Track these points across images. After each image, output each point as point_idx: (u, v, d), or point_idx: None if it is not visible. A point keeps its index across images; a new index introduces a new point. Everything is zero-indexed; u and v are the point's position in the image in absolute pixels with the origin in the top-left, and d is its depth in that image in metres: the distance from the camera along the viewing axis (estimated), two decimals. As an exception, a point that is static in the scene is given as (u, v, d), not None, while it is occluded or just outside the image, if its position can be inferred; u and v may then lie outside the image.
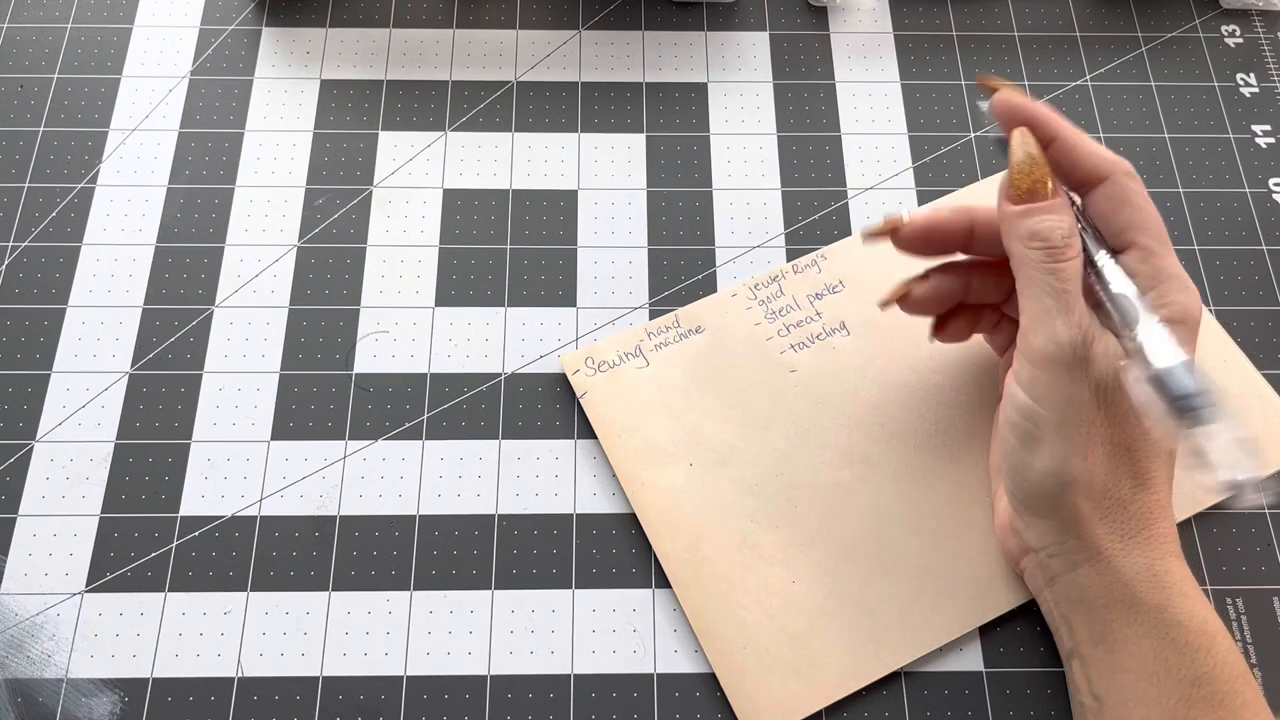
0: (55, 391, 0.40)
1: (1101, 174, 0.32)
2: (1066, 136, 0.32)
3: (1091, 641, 0.32)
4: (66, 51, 0.47)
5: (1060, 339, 0.30)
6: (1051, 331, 0.30)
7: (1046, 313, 0.31)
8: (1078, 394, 0.31)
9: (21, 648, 0.36)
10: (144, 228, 0.43)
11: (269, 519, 0.38)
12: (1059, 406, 0.31)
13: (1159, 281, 0.31)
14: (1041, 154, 0.32)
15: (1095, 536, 0.32)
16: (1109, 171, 0.32)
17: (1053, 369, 0.31)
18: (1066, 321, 0.30)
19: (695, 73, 0.47)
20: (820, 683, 0.35)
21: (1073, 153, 0.32)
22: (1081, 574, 0.32)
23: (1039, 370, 0.31)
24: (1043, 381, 0.31)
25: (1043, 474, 0.32)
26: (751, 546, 0.37)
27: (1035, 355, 0.31)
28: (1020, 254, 0.32)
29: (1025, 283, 0.31)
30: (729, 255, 0.43)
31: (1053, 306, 0.31)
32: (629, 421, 0.39)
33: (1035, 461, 0.32)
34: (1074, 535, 0.32)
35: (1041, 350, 0.31)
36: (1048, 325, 0.31)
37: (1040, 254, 0.31)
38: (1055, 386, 0.31)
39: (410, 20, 0.48)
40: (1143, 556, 0.31)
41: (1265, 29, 0.49)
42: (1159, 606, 0.31)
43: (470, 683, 0.36)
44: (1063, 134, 0.32)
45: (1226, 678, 0.30)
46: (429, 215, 0.44)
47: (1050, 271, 0.31)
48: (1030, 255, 0.31)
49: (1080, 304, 0.31)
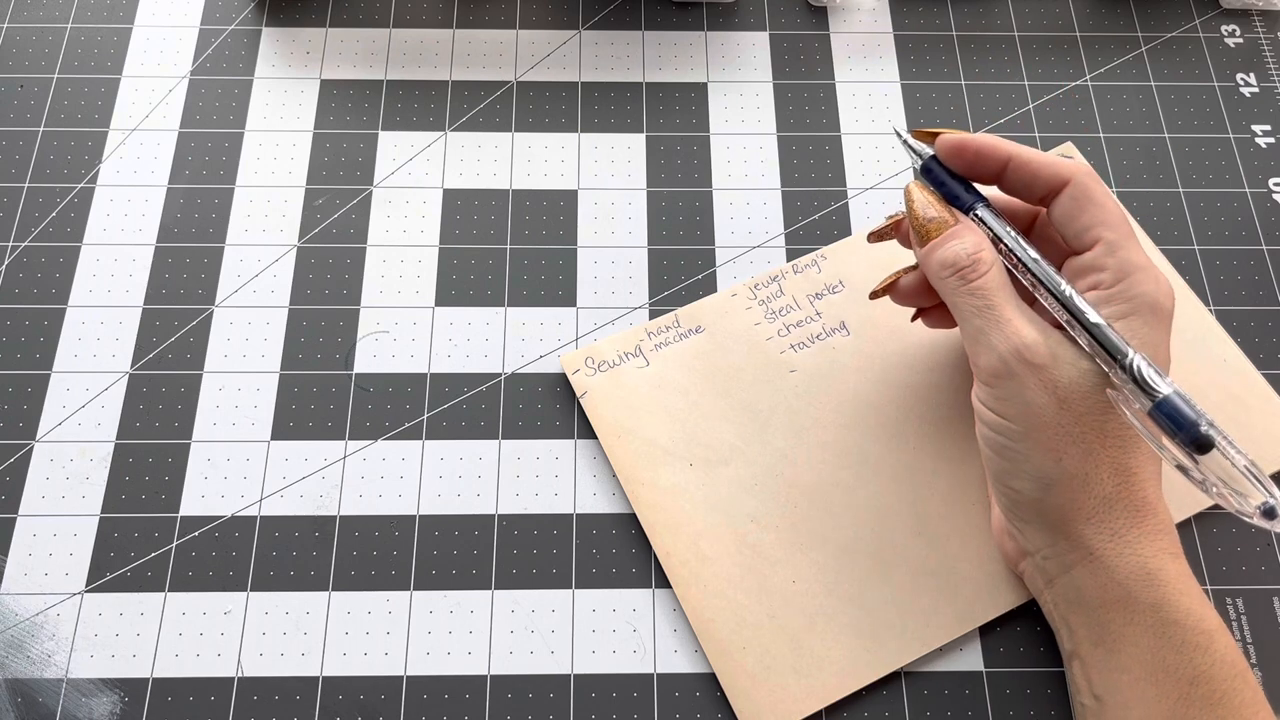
0: (55, 391, 0.40)
1: (1062, 179, 0.33)
2: (1018, 155, 0.34)
3: (1090, 642, 0.32)
4: (66, 51, 0.47)
5: (998, 352, 0.31)
6: (988, 348, 0.32)
7: (979, 333, 0.32)
8: (1035, 399, 0.31)
9: (21, 648, 0.36)
10: (144, 228, 0.43)
11: (269, 519, 0.38)
12: (1020, 416, 0.32)
13: (1126, 274, 0.32)
14: (934, 196, 0.34)
15: (1084, 536, 0.32)
16: (1068, 176, 0.33)
17: (1001, 382, 0.32)
18: (999, 335, 0.31)
19: (695, 73, 0.47)
20: (820, 683, 0.35)
21: (1028, 167, 0.34)
22: (1076, 575, 0.32)
23: (993, 385, 0.32)
24: (997, 395, 0.32)
25: (1022, 482, 0.32)
26: (751, 546, 0.37)
27: (982, 373, 0.32)
28: (940, 287, 0.33)
29: (954, 311, 0.33)
30: (729, 255, 0.43)
31: (981, 325, 0.32)
32: (629, 421, 0.39)
33: (1013, 470, 0.32)
34: (1063, 537, 0.32)
35: (986, 368, 0.32)
36: (984, 344, 0.32)
37: (954, 279, 0.33)
38: (1010, 398, 0.32)
39: (410, 20, 0.48)
40: (1135, 555, 0.31)
41: (1265, 29, 0.49)
42: (1155, 605, 0.31)
43: (470, 683, 0.36)
44: (1014, 153, 0.34)
45: (1225, 676, 0.30)
46: (429, 215, 0.44)
47: (968, 292, 0.32)
48: (947, 284, 0.33)
49: (1011, 314, 0.32)
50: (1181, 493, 0.38)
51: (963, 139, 0.34)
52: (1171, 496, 0.38)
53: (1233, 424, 0.39)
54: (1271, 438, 0.39)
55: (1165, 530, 0.32)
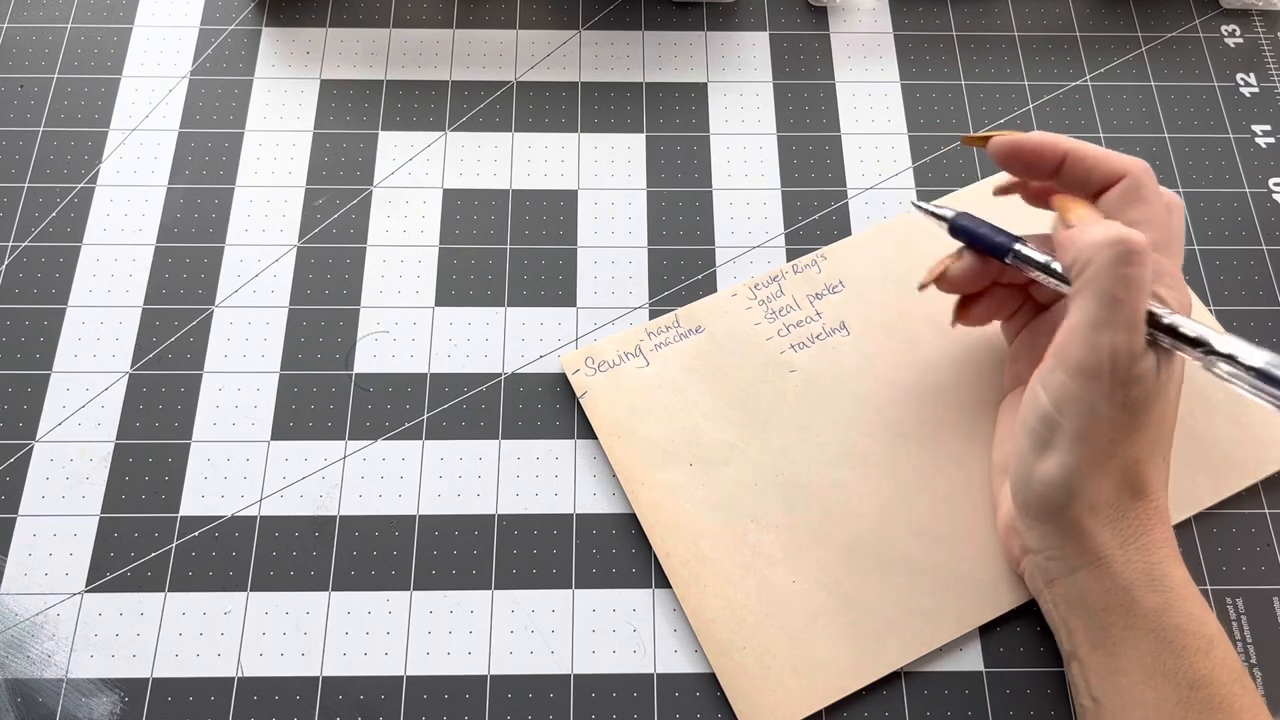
0: (55, 391, 0.40)
1: (1119, 173, 0.33)
2: (1074, 150, 0.34)
3: (1090, 644, 0.32)
4: (66, 51, 0.47)
5: (1103, 351, 0.29)
6: (1095, 342, 0.29)
7: (1093, 323, 0.29)
8: (1103, 409, 0.30)
9: (21, 648, 0.36)
10: (144, 228, 0.43)
11: (269, 519, 0.38)
12: (1080, 417, 0.30)
13: (1155, 276, 0.31)
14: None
15: (1096, 542, 0.32)
16: (1125, 170, 0.33)
17: (1084, 380, 0.30)
18: (1118, 334, 0.29)
19: (695, 73, 0.47)
20: (820, 683, 0.35)
21: (1084, 162, 0.33)
22: (1080, 578, 0.32)
23: (1069, 378, 0.30)
24: (1070, 390, 0.30)
25: (1049, 483, 0.32)
26: (751, 546, 0.37)
27: (1071, 363, 0.30)
28: (1089, 254, 0.30)
29: (1084, 284, 0.30)
30: (729, 255, 0.43)
31: (1105, 317, 0.29)
32: (629, 421, 0.39)
33: (1044, 469, 0.32)
34: (1074, 541, 0.32)
35: (1079, 360, 0.30)
36: (1092, 335, 0.29)
37: (1116, 255, 0.29)
38: (1083, 398, 0.30)
39: (410, 20, 0.48)
40: (1141, 561, 0.31)
41: (1265, 29, 0.49)
42: (1158, 610, 0.31)
43: (470, 683, 0.36)
44: (1070, 148, 0.34)
45: (1224, 680, 0.30)
46: (429, 215, 0.44)
47: (1122, 276, 0.29)
48: (1104, 255, 0.29)
49: (1140, 320, 0.30)
50: (1182, 493, 0.38)
51: (1016, 142, 0.34)
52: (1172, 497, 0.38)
53: (1233, 424, 0.39)
54: (1272, 438, 0.39)
55: (1170, 539, 0.32)
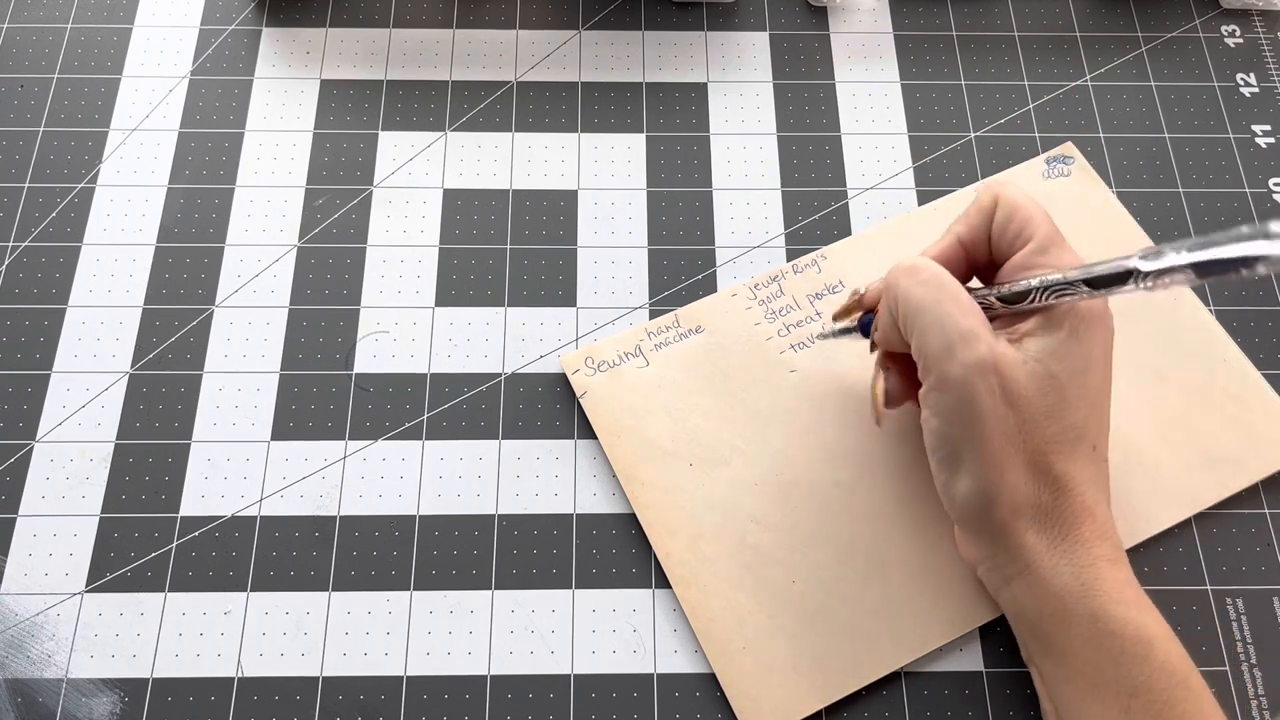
0: (55, 391, 0.40)
1: (993, 206, 0.34)
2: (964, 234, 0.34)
3: (1040, 653, 0.32)
4: (66, 51, 0.47)
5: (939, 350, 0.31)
6: (928, 346, 0.31)
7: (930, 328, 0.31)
8: (984, 404, 0.31)
9: (21, 648, 0.36)
10: (144, 228, 0.43)
11: (269, 519, 0.38)
12: (964, 421, 0.31)
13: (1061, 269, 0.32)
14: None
15: (1023, 548, 0.31)
16: (991, 197, 0.34)
17: (950, 386, 0.31)
18: (951, 327, 0.31)
19: (695, 73, 0.47)
20: (820, 683, 0.35)
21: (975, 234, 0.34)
22: (1016, 588, 0.32)
23: (938, 391, 0.31)
24: (945, 400, 0.31)
25: (967, 493, 0.32)
26: (751, 546, 0.37)
27: (931, 377, 0.32)
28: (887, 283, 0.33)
29: (906, 318, 0.32)
30: (729, 255, 0.43)
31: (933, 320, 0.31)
32: (629, 421, 0.39)
33: (959, 482, 0.32)
34: (1003, 548, 0.32)
35: (934, 371, 0.31)
36: (921, 342, 0.32)
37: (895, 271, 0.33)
38: (958, 402, 0.31)
39: (410, 20, 0.48)
40: (1069, 566, 0.31)
41: (1265, 29, 0.49)
42: (1092, 617, 0.30)
43: (470, 683, 0.36)
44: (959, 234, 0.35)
45: (1164, 686, 0.29)
46: (429, 215, 0.44)
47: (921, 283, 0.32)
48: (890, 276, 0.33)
49: (965, 305, 0.31)
50: (1182, 493, 0.38)
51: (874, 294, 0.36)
52: (1171, 497, 0.38)
53: (1233, 424, 0.39)
54: (1272, 438, 0.39)
55: (1104, 535, 0.32)
